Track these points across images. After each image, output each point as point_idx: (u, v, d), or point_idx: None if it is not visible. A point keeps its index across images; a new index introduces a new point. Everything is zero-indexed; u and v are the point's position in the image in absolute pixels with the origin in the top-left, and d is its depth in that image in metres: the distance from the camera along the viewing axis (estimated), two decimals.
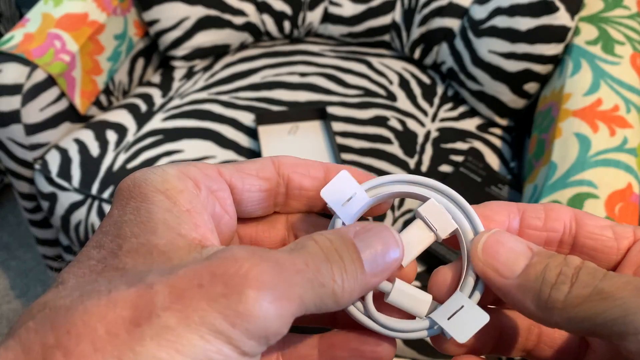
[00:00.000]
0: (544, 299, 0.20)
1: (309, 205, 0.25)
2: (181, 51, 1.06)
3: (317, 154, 0.89)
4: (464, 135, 0.96)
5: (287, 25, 1.09)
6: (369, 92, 1.01)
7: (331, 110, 0.96)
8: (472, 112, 1.00)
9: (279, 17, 1.08)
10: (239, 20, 1.06)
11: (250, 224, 0.26)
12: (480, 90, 0.97)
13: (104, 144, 0.92)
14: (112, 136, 0.93)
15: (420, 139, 0.94)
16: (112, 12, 0.98)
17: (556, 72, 0.90)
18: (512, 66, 0.92)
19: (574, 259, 0.21)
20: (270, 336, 0.18)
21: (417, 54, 1.07)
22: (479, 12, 0.95)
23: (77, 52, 0.92)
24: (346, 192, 0.23)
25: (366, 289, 0.21)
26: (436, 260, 0.75)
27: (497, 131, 0.98)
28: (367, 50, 1.11)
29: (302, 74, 1.04)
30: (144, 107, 0.99)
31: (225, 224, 0.23)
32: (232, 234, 0.24)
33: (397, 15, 1.07)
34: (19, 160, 0.92)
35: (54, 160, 0.91)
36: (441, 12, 1.01)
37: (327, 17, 1.09)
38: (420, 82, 1.04)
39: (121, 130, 0.94)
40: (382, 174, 0.87)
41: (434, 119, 0.98)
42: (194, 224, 0.20)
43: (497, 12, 0.92)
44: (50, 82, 0.89)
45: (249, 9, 1.06)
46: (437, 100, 1.02)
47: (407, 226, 0.24)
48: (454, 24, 1.01)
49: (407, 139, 0.93)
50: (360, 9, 1.07)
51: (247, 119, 0.94)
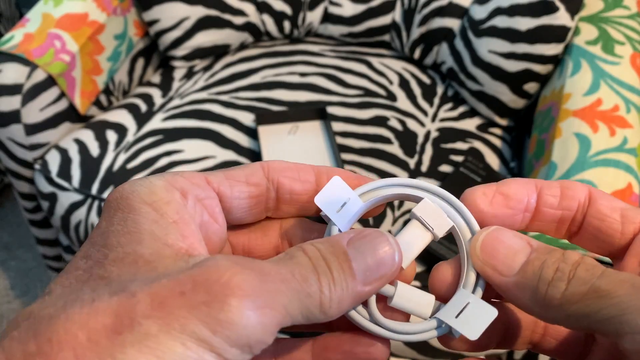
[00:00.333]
0: (541, 296, 0.20)
1: (302, 209, 0.25)
2: (181, 51, 1.06)
3: (317, 154, 0.88)
4: (464, 135, 0.96)
5: (287, 25, 1.09)
6: (369, 92, 1.00)
7: (331, 110, 0.96)
8: (472, 112, 1.00)
9: (279, 17, 1.08)
10: (239, 20, 1.06)
11: (242, 231, 0.25)
12: (480, 90, 0.97)
13: (104, 144, 0.92)
14: (112, 136, 0.93)
15: (420, 139, 0.94)
16: (112, 12, 0.98)
17: (556, 72, 0.90)
18: (512, 66, 0.92)
19: (573, 254, 0.21)
20: (253, 344, 0.18)
21: (417, 54, 1.07)
22: (479, 12, 0.95)
23: (77, 52, 0.92)
24: (340, 198, 0.23)
25: (359, 298, 0.21)
26: (435, 259, 0.75)
27: (497, 131, 0.98)
28: (367, 50, 1.11)
29: (302, 74, 1.03)
30: (144, 107, 0.99)
31: (214, 232, 0.23)
32: (222, 242, 0.23)
33: (397, 15, 1.07)
34: (19, 160, 0.92)
35: (54, 160, 0.91)
36: (441, 12, 1.01)
37: (327, 17, 1.09)
38: (420, 82, 1.04)
39: (121, 130, 0.94)
40: (382, 174, 0.87)
41: (434, 119, 0.98)
42: (181, 234, 0.20)
43: (497, 12, 0.92)
44: (50, 82, 0.89)
45: (249, 9, 1.06)
46: (437, 100, 1.02)
47: (403, 228, 0.24)
48: (454, 24, 1.01)
49: (407, 139, 0.93)
50: (360, 9, 1.07)
51: (247, 119, 0.94)
